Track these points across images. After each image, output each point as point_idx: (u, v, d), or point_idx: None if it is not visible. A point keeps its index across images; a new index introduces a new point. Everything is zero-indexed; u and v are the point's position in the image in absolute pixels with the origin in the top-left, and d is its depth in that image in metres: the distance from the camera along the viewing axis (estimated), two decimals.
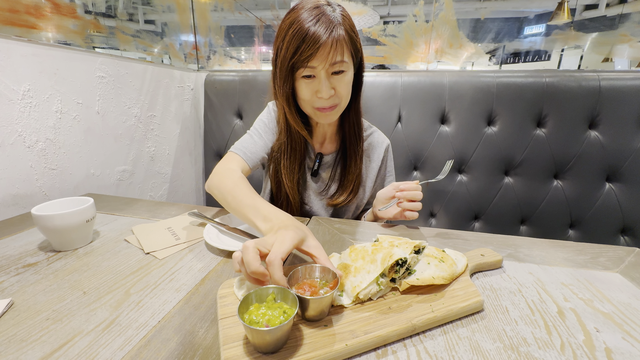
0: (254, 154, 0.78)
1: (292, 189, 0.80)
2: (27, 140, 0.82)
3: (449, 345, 0.37)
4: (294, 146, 0.79)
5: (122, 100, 1.09)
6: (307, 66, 0.65)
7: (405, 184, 0.67)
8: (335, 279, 0.40)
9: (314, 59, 0.64)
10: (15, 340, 0.37)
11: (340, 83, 0.69)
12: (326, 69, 0.66)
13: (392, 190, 0.70)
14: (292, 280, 0.40)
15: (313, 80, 0.68)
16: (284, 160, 0.80)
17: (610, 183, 1.07)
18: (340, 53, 0.65)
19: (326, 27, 0.63)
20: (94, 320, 0.41)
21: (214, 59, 1.59)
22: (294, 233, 0.44)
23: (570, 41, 1.48)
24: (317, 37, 0.62)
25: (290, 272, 0.40)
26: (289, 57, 0.65)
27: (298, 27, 0.63)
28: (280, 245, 0.41)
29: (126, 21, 1.15)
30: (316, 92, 0.69)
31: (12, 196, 0.80)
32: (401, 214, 0.69)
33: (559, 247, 0.62)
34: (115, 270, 0.53)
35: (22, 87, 0.80)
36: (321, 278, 0.42)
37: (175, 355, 0.36)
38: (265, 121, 0.84)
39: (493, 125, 1.14)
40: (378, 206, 0.74)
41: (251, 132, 0.83)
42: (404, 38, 1.41)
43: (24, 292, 0.46)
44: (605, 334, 0.39)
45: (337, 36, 0.64)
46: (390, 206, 0.69)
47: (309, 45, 0.62)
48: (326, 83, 0.67)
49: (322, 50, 0.63)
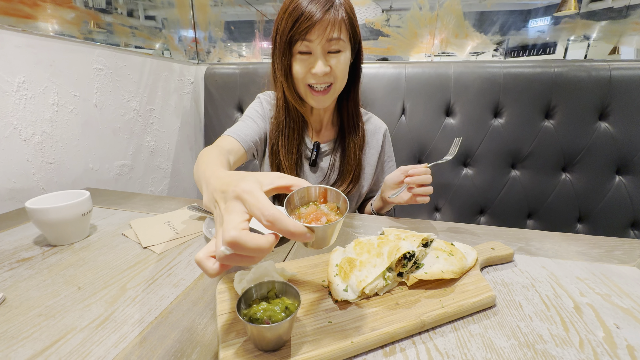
0: (248, 136, 0.76)
1: (290, 169, 0.79)
2: (23, 134, 0.80)
3: (461, 342, 0.35)
4: (292, 125, 0.78)
5: (120, 94, 1.07)
6: (304, 39, 0.66)
7: (414, 168, 0.65)
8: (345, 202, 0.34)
9: (310, 32, 0.65)
10: (5, 337, 0.36)
11: (336, 62, 0.69)
12: (322, 45, 0.66)
13: (401, 175, 0.68)
14: (290, 206, 0.34)
15: (309, 57, 0.69)
16: (282, 139, 0.79)
17: (621, 176, 1.05)
18: (338, 31, 0.66)
19: (324, 4, 0.64)
20: (88, 316, 0.39)
21: (214, 54, 1.57)
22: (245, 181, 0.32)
23: (578, 30, 1.45)
24: (314, 12, 0.63)
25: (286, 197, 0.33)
26: (287, 31, 0.66)
27: (298, 3, 0.65)
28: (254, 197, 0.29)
29: (126, 16, 1.12)
30: (311, 68, 0.68)
31: (8, 190, 0.78)
32: (412, 199, 0.67)
33: (572, 241, 0.60)
34: (111, 264, 0.51)
35: (17, 79, 0.78)
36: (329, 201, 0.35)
37: (172, 352, 0.34)
38: (257, 109, 0.83)
39: (500, 117, 1.11)
40: (387, 192, 0.73)
41: (243, 119, 0.82)
42: (407, 28, 1.38)
43: (16, 287, 0.45)
44: (626, 331, 0.37)
45: (335, 14, 0.65)
46: (401, 192, 0.68)
47: (307, 18, 0.64)
48: (322, 59, 0.68)
49: (320, 25, 0.64)
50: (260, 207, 0.28)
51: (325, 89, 0.71)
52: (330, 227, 0.31)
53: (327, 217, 0.32)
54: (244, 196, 0.30)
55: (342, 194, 0.34)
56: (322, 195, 0.35)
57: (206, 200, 0.38)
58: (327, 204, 0.35)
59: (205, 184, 0.39)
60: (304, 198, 0.35)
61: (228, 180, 0.33)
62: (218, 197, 0.33)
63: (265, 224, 0.28)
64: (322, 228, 0.30)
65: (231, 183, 0.32)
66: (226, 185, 0.33)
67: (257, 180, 0.32)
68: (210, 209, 0.36)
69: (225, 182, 0.34)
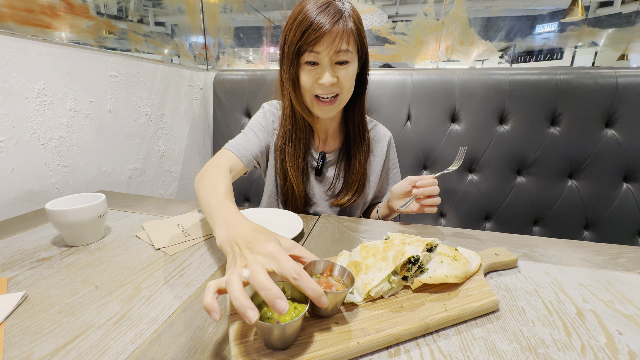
0: (248, 151, 0.77)
1: (296, 178, 0.80)
2: (42, 138, 0.84)
3: (464, 345, 0.36)
4: (298, 133, 0.79)
5: (133, 99, 1.10)
6: (312, 51, 0.66)
7: (422, 179, 0.66)
8: (350, 276, 0.39)
9: (319, 44, 0.65)
10: (29, 332, 0.38)
11: (344, 73, 0.70)
12: (330, 56, 0.67)
13: (408, 186, 0.69)
14: None
15: (316, 68, 0.69)
16: (289, 147, 0.80)
17: (628, 183, 1.04)
18: (346, 42, 0.67)
19: (334, 15, 0.65)
20: (105, 314, 0.41)
21: (222, 59, 1.60)
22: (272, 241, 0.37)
23: (585, 37, 1.45)
24: (323, 23, 0.64)
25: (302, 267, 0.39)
26: (295, 41, 0.67)
27: (307, 13, 0.66)
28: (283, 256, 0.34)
29: (137, 23, 1.16)
30: (318, 79, 0.69)
31: (27, 192, 0.81)
32: (421, 209, 0.68)
33: (576, 247, 0.60)
34: (126, 265, 0.53)
35: (37, 86, 0.81)
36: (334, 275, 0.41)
37: (186, 350, 0.35)
38: (260, 121, 0.84)
39: (505, 123, 1.12)
40: (395, 201, 0.74)
41: (246, 131, 0.83)
42: (413, 36, 1.40)
43: (37, 285, 0.47)
44: (628, 337, 0.37)
45: (344, 26, 0.66)
46: (410, 203, 0.68)
47: (316, 29, 0.64)
48: (329, 70, 0.68)
49: (328, 36, 0.65)
50: (292, 265, 0.33)
51: (331, 99, 0.72)
52: (341, 295, 0.36)
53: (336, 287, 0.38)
54: (275, 254, 0.35)
55: (348, 269, 0.39)
56: (329, 269, 0.40)
57: (223, 240, 0.41)
58: (332, 276, 0.40)
59: (225, 225, 0.43)
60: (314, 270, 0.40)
61: (254, 234, 0.38)
62: (242, 245, 0.38)
63: (294, 277, 0.32)
64: (333, 294, 0.35)
65: (259, 240, 0.37)
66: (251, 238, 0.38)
67: (278, 242, 0.38)
68: (225, 249, 0.40)
69: (251, 235, 0.38)
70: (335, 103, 0.73)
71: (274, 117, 0.84)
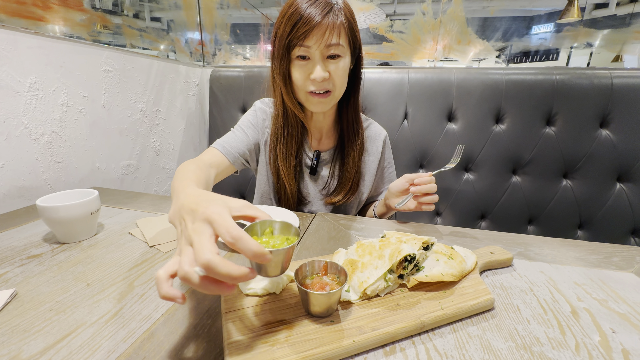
0: (234, 148, 0.76)
1: (288, 176, 0.79)
2: (33, 133, 0.82)
3: (459, 343, 0.36)
4: (290, 130, 0.78)
5: (127, 95, 1.09)
6: (302, 45, 0.65)
7: (420, 177, 0.66)
8: (343, 272, 0.39)
9: (308, 37, 0.64)
10: (18, 330, 0.37)
11: (335, 68, 0.68)
12: (321, 50, 0.66)
13: (406, 184, 0.68)
14: (298, 277, 0.39)
15: (307, 63, 0.68)
16: (280, 144, 0.79)
17: (621, 183, 1.05)
18: (337, 36, 0.65)
19: (324, 8, 0.64)
20: (97, 312, 0.40)
21: (219, 56, 1.59)
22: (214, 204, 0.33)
23: (581, 38, 1.46)
24: (313, 16, 0.63)
25: (295, 269, 0.39)
26: (285, 35, 0.66)
27: (297, 7, 0.64)
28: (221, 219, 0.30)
29: (132, 17, 1.14)
30: (309, 74, 0.68)
31: (17, 188, 0.80)
32: (418, 207, 0.68)
33: (571, 246, 0.61)
34: (119, 262, 0.52)
35: (29, 80, 0.80)
36: (328, 273, 0.41)
37: (180, 348, 0.35)
38: (250, 119, 0.83)
39: (501, 123, 1.12)
40: (392, 199, 0.73)
41: (234, 129, 0.82)
42: (411, 34, 1.39)
43: (27, 282, 0.46)
44: (622, 335, 0.38)
45: (334, 18, 0.64)
46: (407, 201, 0.68)
47: (305, 22, 0.63)
48: (320, 64, 0.67)
49: (318, 29, 0.64)
50: (227, 227, 0.29)
51: (324, 92, 0.71)
52: (335, 295, 0.36)
53: (330, 286, 0.38)
54: (213, 217, 0.30)
55: (341, 266, 0.40)
56: (324, 268, 0.41)
57: (172, 215, 0.37)
58: (328, 275, 0.40)
59: (174, 201, 0.39)
60: (309, 270, 0.41)
61: (198, 200, 0.34)
62: (186, 215, 0.33)
63: (229, 241, 0.29)
64: (327, 295, 0.35)
65: (201, 204, 0.33)
66: (195, 204, 0.33)
67: (226, 204, 0.34)
68: (174, 224, 0.36)
69: (194, 201, 0.34)
70: (329, 97, 0.72)
71: (266, 115, 0.83)
